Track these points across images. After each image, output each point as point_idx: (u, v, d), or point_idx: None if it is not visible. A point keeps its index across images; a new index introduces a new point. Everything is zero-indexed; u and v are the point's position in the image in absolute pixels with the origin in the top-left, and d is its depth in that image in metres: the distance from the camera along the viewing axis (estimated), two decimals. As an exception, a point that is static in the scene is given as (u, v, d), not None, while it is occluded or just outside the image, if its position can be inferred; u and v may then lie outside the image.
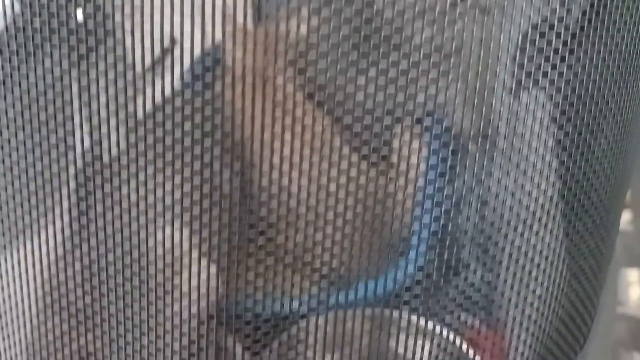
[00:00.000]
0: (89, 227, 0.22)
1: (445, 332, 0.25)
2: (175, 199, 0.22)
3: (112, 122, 0.21)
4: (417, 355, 0.25)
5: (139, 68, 0.21)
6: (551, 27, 0.22)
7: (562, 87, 0.23)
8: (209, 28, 0.20)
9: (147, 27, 0.20)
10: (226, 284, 0.23)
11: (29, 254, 0.24)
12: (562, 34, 0.22)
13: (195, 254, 0.22)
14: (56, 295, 0.24)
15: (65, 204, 0.23)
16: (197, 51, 0.20)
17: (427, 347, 0.25)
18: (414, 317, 0.24)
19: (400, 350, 0.25)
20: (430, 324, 0.25)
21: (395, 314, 0.24)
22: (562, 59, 0.22)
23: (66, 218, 0.23)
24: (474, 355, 0.26)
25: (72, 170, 0.22)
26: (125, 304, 0.23)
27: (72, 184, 0.22)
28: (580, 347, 0.28)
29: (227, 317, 0.23)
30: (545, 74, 0.22)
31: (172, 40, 0.20)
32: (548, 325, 0.26)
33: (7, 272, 0.25)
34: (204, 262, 0.22)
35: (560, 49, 0.22)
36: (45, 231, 0.23)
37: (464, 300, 0.24)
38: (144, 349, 0.24)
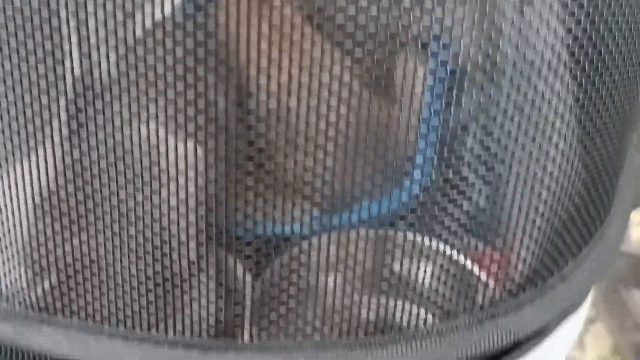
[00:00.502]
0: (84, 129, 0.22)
1: (449, 252, 0.24)
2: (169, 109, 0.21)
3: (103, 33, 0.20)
4: (420, 276, 0.25)
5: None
6: None
7: None
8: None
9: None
10: (225, 204, 0.22)
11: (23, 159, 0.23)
12: None
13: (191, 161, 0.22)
14: (46, 192, 0.23)
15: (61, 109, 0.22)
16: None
17: (430, 268, 0.25)
18: (418, 238, 0.24)
19: (404, 271, 0.24)
20: (434, 245, 0.24)
21: (399, 234, 0.24)
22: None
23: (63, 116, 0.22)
24: (479, 273, 0.25)
25: (66, 77, 0.22)
26: (119, 201, 0.23)
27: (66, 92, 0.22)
28: (586, 242, 0.28)
29: (226, 238, 0.23)
30: None
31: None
32: (553, 232, 0.26)
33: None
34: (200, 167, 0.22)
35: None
36: (41, 135, 0.23)
37: (468, 221, 0.24)
38: (140, 248, 0.23)
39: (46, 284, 0.25)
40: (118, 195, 0.23)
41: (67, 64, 0.21)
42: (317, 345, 0.23)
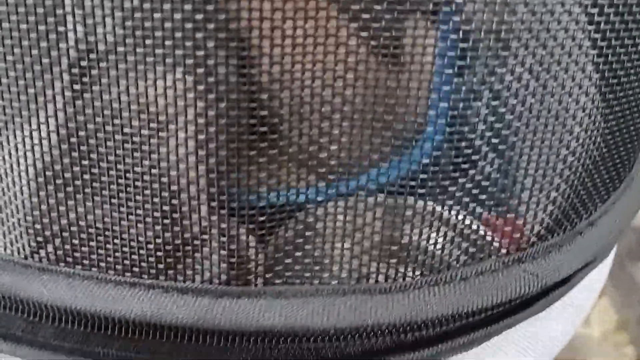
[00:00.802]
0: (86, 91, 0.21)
1: (461, 218, 0.23)
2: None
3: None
4: (431, 241, 0.24)
5: None
6: None
7: None
8: None
9: None
10: (237, 172, 0.21)
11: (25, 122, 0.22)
12: None
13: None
14: (48, 158, 0.22)
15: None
16: None
17: (441, 234, 0.23)
18: (428, 203, 0.23)
19: (415, 236, 0.23)
20: (444, 210, 0.23)
21: (410, 200, 0.22)
22: None
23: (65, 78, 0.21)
24: (492, 239, 0.24)
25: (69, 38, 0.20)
26: (123, 152, 0.22)
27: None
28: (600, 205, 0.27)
29: (234, 206, 0.22)
30: None
31: None
32: (580, 176, 0.25)
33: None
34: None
35: None
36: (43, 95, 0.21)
37: (479, 190, 0.23)
38: (146, 194, 0.22)
39: (47, 233, 0.24)
40: (122, 145, 0.22)
41: (68, 22, 0.20)
42: (335, 291, 0.22)
